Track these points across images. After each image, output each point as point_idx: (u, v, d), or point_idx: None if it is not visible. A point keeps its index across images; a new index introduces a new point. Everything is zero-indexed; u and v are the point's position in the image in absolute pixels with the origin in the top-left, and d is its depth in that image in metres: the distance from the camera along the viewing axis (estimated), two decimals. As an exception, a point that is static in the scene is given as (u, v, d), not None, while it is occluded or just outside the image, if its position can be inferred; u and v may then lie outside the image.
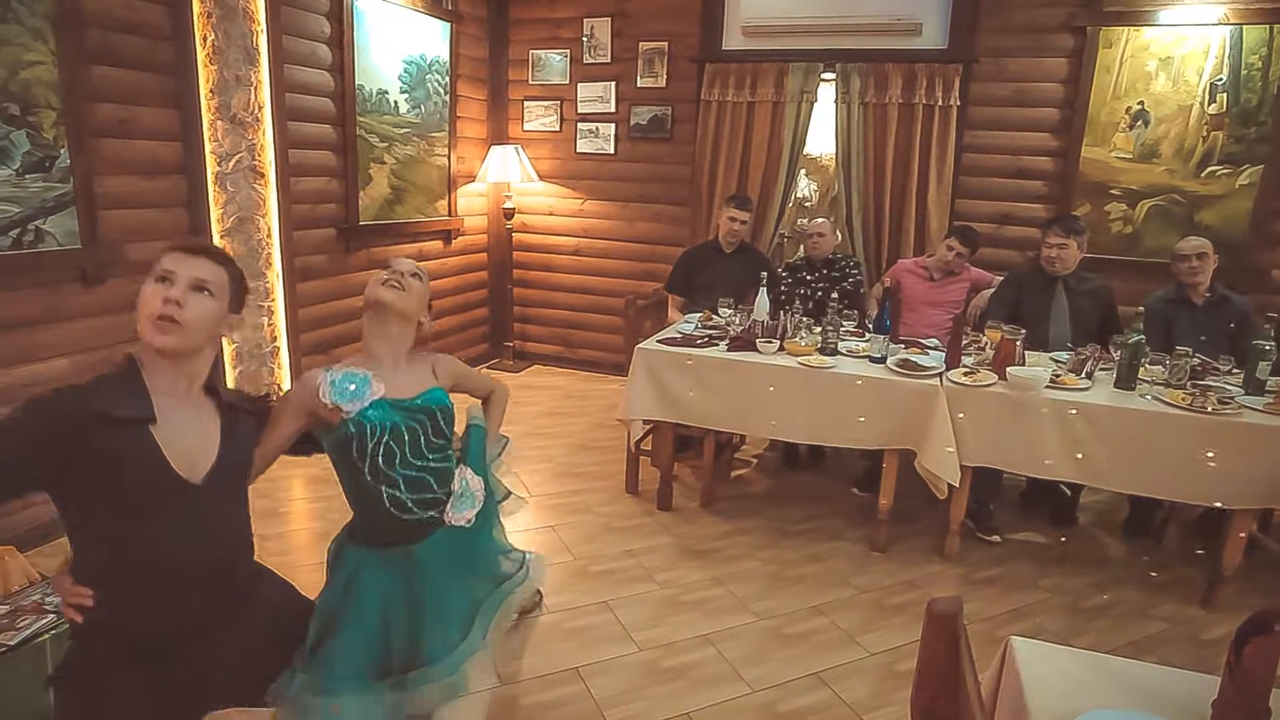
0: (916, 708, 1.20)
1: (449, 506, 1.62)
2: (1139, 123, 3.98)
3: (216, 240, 3.41)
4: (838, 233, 4.17)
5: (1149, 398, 2.76)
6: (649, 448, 3.51)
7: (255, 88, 3.53)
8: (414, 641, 1.52)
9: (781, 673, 2.33)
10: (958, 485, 2.87)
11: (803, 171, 5.25)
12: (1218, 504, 2.68)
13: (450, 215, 5.00)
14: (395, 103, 4.37)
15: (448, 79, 4.77)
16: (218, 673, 1.36)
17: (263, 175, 3.63)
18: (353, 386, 1.49)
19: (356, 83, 4.06)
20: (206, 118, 3.31)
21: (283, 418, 1.52)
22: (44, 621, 1.93)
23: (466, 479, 1.66)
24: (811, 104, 4.51)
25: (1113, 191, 4.09)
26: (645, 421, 3.30)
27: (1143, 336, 2.84)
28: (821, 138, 4.94)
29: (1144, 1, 3.88)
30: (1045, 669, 1.26)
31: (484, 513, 1.71)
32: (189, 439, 1.29)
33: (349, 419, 1.49)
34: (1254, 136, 3.80)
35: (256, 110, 3.55)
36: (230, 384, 3.59)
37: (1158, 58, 3.89)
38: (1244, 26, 3.73)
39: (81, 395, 1.21)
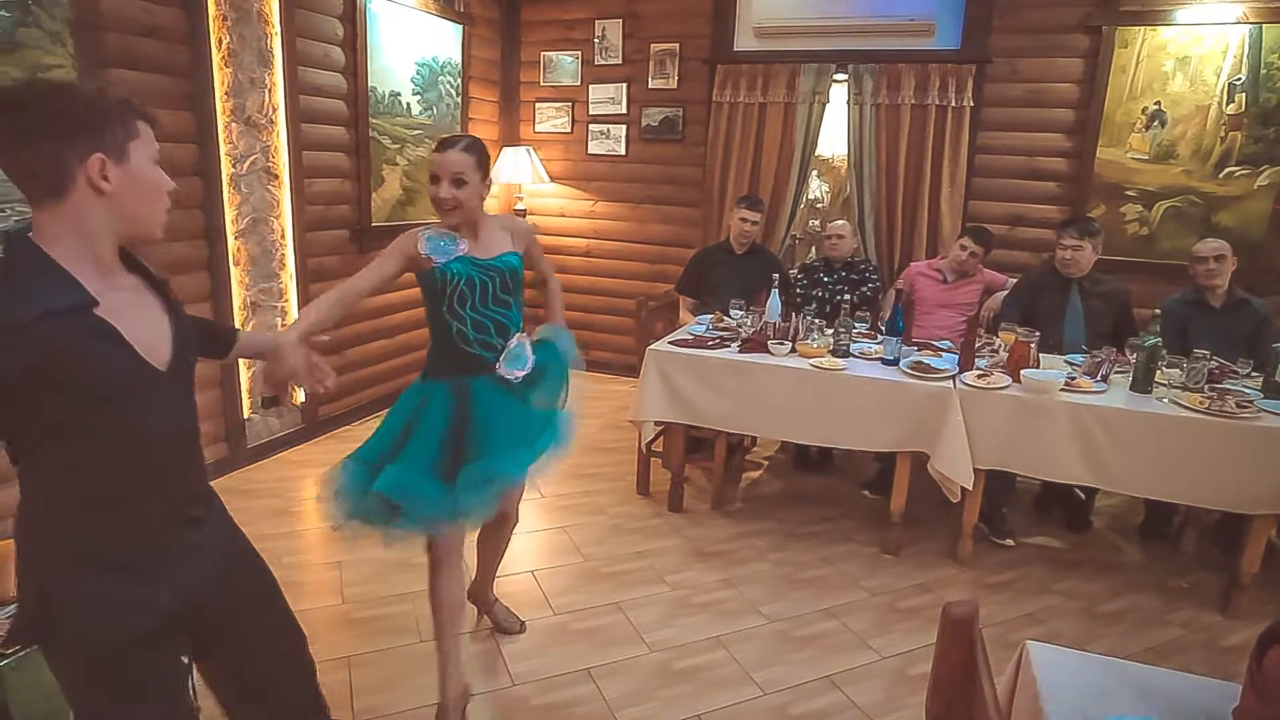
0: (931, 712, 1.19)
1: (501, 357, 2.01)
2: (1155, 123, 3.94)
3: (230, 241, 3.44)
4: (855, 235, 4.15)
5: (1166, 401, 2.73)
6: (660, 449, 3.51)
7: (269, 90, 3.55)
8: (465, 454, 1.87)
9: (793, 675, 2.32)
10: (970, 488, 2.86)
11: (814, 173, 5.24)
12: (1236, 509, 2.65)
13: (462, 216, 5.01)
14: (407, 104, 4.39)
15: (459, 81, 4.78)
16: (198, 594, 1.24)
17: (276, 177, 3.65)
18: (442, 243, 1.95)
19: (369, 85, 4.07)
20: (222, 120, 3.33)
21: (388, 259, 1.92)
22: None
23: (523, 344, 2.07)
24: (823, 105, 4.50)
25: (1128, 193, 4.06)
26: (656, 423, 3.29)
27: (1159, 339, 2.81)
28: (833, 139, 4.93)
29: (1161, 1, 3.84)
30: (1062, 674, 1.25)
31: (540, 386, 2.10)
32: (139, 322, 1.14)
33: (436, 267, 1.92)
34: (1273, 136, 3.76)
35: (271, 112, 3.58)
36: (246, 383, 3.62)
37: (1175, 57, 3.86)
38: (1263, 25, 3.69)
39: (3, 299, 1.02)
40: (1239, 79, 3.77)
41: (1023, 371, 2.83)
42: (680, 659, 2.38)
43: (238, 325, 3.53)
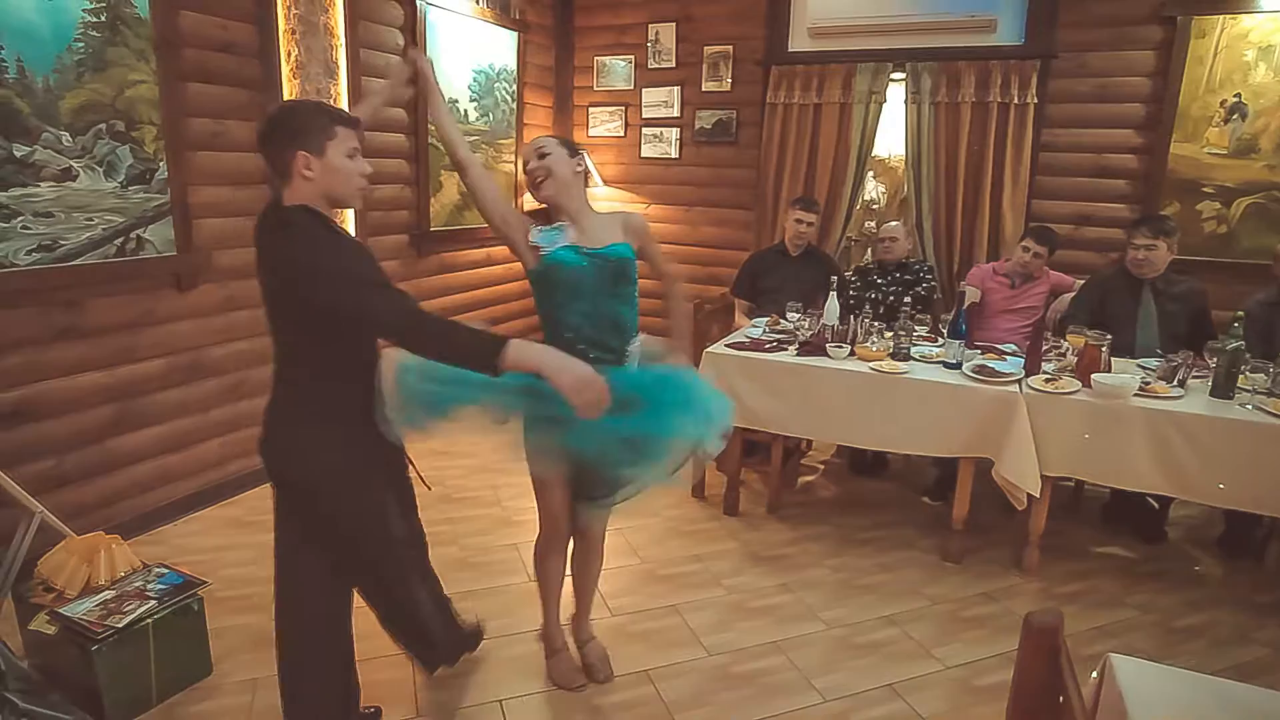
0: (1011, 724, 1.16)
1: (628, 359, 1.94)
2: (1235, 116, 3.77)
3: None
4: (910, 237, 4.08)
5: (1249, 407, 2.61)
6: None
7: (334, 100, 3.66)
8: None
9: (853, 683, 2.29)
10: (1038, 496, 2.77)
11: (870, 174, 5.17)
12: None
13: (517, 221, 5.08)
14: (465, 111, 4.47)
15: (515, 87, 4.86)
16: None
17: (341, 184, 3.76)
18: (549, 234, 1.91)
19: (429, 93, 4.16)
20: (290, 130, 3.44)
21: (511, 211, 2.00)
22: (147, 606, 2.04)
23: (637, 354, 1.97)
24: (880, 105, 4.43)
25: (1205, 189, 3.89)
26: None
27: (1242, 343, 2.69)
28: (890, 139, 4.85)
29: (1241, -12, 3.68)
30: (1149, 689, 1.20)
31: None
32: None
33: (544, 254, 1.89)
34: (1364, 129, 3.57)
35: (336, 122, 3.68)
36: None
37: (1257, 46, 3.68)
38: (1353, 12, 3.50)
39: None
40: (1327, 68, 3.59)
41: (1094, 376, 2.73)
42: (739, 663, 2.36)
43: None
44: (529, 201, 5.08)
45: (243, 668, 2.25)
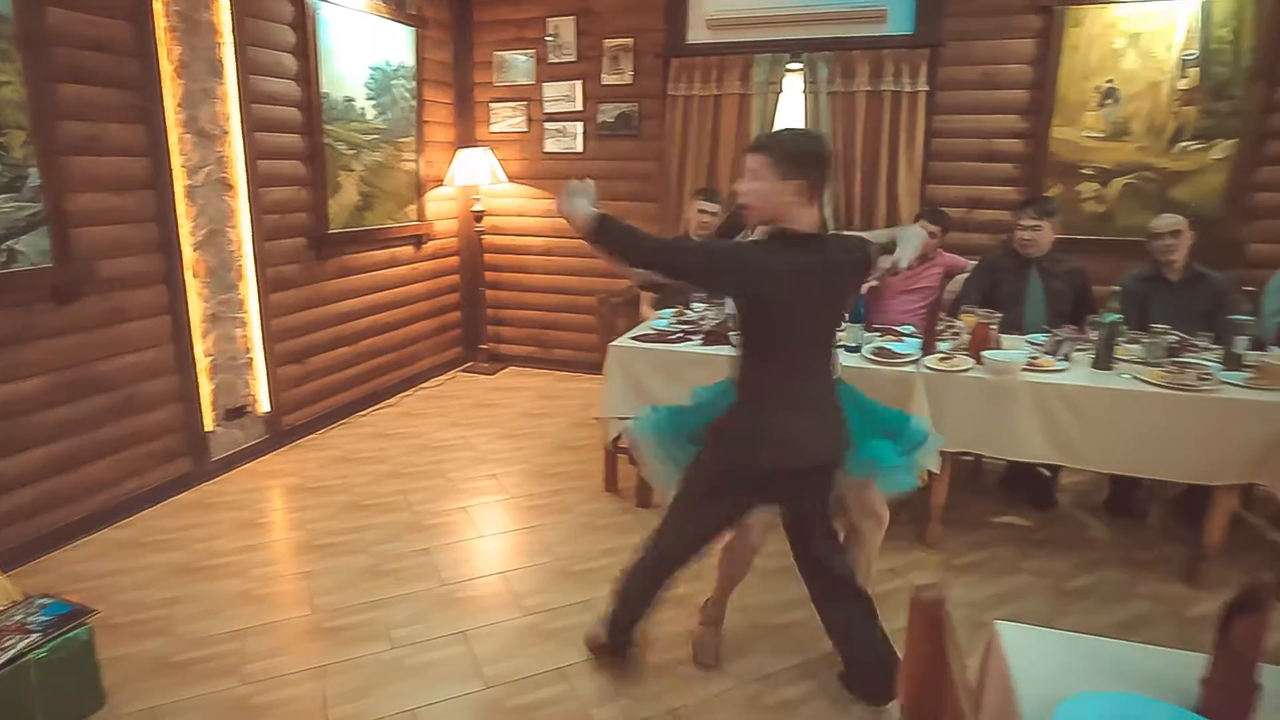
0: (905, 698, 1.19)
1: None
2: (1109, 101, 3.99)
3: (188, 254, 3.36)
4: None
5: (1127, 377, 2.76)
6: (626, 445, 3.48)
7: (221, 100, 3.48)
8: None
9: (767, 665, 2.33)
10: (938, 472, 2.87)
11: (777, 163, 5.24)
12: (1199, 481, 2.69)
13: (420, 220, 4.96)
14: (362, 109, 4.33)
15: (414, 84, 4.72)
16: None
17: (232, 187, 3.58)
18: None
19: (322, 91, 4.01)
20: (174, 132, 3.26)
21: None
22: (28, 641, 1.91)
23: None
24: (778, 95, 4.50)
25: (1084, 171, 4.11)
26: (622, 419, 3.27)
27: (1119, 316, 2.84)
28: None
29: (1109, -21, 3.88)
30: (1031, 653, 1.25)
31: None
32: None
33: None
34: (1226, 110, 3.81)
35: (224, 122, 3.50)
36: (208, 395, 3.55)
37: (1126, 34, 3.90)
38: (1213, 0, 3.74)
39: None
40: (1190, 54, 3.81)
41: (984, 353, 2.85)
42: (654, 654, 2.37)
43: (197, 339, 3.45)
44: (431, 200, 4.94)
45: (139, 696, 2.13)
